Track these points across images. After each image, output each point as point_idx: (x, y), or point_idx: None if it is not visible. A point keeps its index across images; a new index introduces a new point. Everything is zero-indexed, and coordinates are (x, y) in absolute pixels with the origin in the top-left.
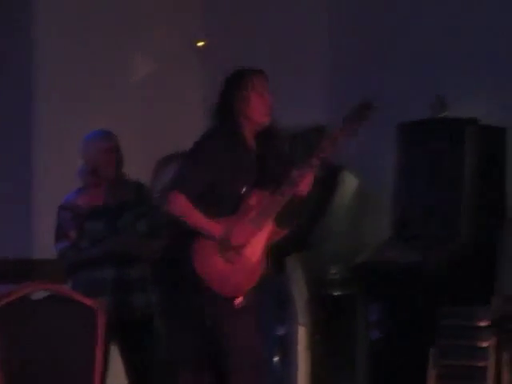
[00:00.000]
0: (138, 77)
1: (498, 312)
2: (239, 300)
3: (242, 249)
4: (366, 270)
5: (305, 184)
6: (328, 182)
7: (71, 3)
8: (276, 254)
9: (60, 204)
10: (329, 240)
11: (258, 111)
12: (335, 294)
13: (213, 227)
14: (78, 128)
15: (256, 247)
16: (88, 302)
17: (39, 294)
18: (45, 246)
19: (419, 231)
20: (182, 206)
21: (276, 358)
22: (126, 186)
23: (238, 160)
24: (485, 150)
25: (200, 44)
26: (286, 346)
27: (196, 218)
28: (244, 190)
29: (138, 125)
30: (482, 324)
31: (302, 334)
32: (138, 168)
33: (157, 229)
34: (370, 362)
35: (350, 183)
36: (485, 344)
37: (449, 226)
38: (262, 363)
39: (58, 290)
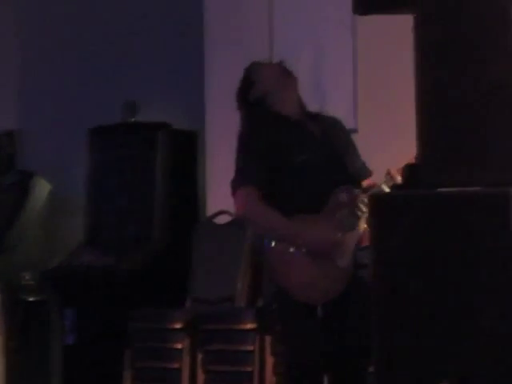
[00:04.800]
0: None
1: (191, 313)
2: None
3: (334, 254)
4: (59, 274)
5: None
6: (20, 187)
7: None
8: None
9: None
10: (22, 245)
11: (267, 77)
12: (29, 299)
13: (300, 234)
14: None
15: (346, 251)
16: None
17: None
18: None
19: (113, 235)
20: (254, 205)
21: None
22: None
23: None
24: (176, 153)
25: None
26: None
27: (275, 221)
28: (301, 159)
29: None
30: (175, 326)
31: None
32: None
33: None
34: (66, 367)
35: (41, 188)
36: (178, 345)
37: (142, 229)
38: None
39: None
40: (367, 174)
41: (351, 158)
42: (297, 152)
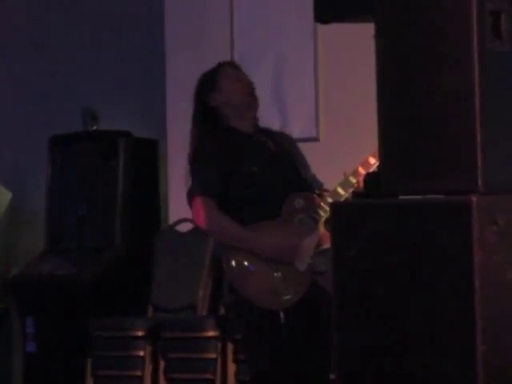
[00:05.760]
0: None
1: (153, 321)
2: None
3: (293, 260)
4: (20, 283)
5: None
6: None
7: None
8: None
9: None
10: None
11: (234, 95)
12: None
13: (259, 242)
14: None
15: (305, 255)
16: None
17: None
18: None
19: (73, 244)
20: (212, 216)
21: None
22: None
23: (240, 145)
24: (138, 162)
25: None
26: None
27: (235, 231)
28: (256, 168)
29: None
30: (137, 334)
31: None
32: None
33: None
34: (27, 375)
35: (2, 196)
36: (140, 353)
37: (103, 238)
38: None
39: None
40: (318, 185)
41: (304, 170)
42: (251, 163)
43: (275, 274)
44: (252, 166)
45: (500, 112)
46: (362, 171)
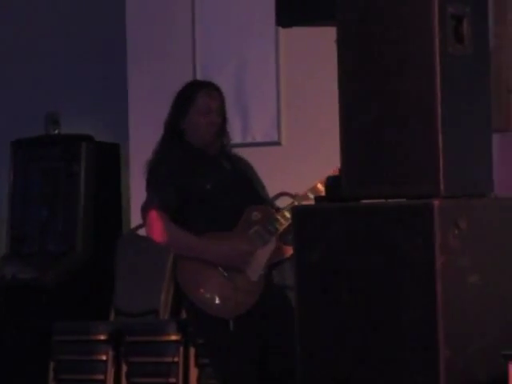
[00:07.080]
0: None
1: (115, 325)
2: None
3: (245, 267)
4: None
5: None
6: None
7: None
8: None
9: None
10: None
11: (200, 130)
12: None
13: (213, 250)
14: None
15: (258, 265)
16: None
17: None
18: None
19: (35, 247)
20: (168, 229)
21: None
22: None
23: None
24: (100, 166)
25: None
26: None
27: (189, 241)
28: (209, 186)
29: None
30: (99, 338)
31: None
32: None
33: None
34: None
35: None
36: (103, 357)
37: (65, 241)
38: None
39: None
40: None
41: (261, 190)
42: (205, 180)
43: (227, 283)
44: (205, 184)
45: (461, 116)
46: (320, 188)
